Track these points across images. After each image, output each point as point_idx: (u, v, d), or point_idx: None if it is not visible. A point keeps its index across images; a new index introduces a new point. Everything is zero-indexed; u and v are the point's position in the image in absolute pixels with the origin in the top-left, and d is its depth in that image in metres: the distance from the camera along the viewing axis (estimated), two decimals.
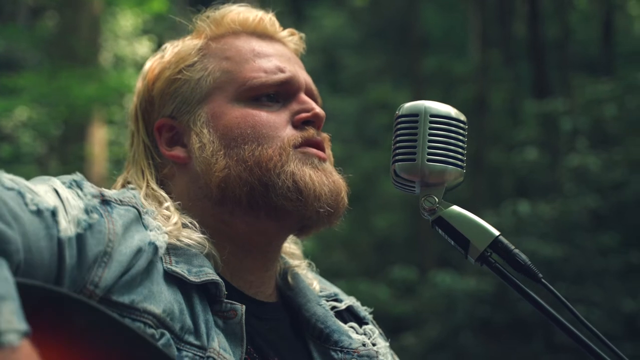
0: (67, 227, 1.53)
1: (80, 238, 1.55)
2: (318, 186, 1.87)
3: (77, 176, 1.71)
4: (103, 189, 1.74)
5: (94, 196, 1.66)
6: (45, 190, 1.58)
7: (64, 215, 1.55)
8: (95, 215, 1.61)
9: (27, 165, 14.24)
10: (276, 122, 1.91)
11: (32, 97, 12.36)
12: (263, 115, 1.91)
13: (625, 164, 11.50)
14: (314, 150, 1.92)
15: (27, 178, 1.70)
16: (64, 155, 13.24)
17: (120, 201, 1.72)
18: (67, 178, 1.69)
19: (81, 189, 1.67)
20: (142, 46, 18.20)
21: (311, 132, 1.94)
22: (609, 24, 18.09)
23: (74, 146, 12.83)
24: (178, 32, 2.15)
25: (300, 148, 1.91)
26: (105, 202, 1.68)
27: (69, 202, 1.59)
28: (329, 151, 1.99)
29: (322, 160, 1.93)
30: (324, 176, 1.90)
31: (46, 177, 1.67)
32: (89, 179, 1.76)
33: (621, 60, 18.18)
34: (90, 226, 1.58)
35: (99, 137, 13.05)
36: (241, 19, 2.03)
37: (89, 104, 12.10)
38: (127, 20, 17.94)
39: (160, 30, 18.62)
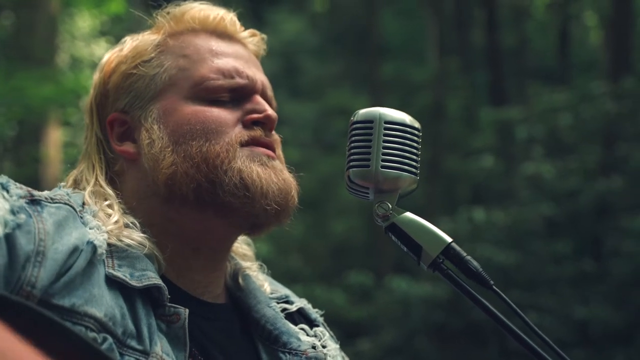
0: None
1: (9, 238, 1.52)
2: (265, 183, 1.85)
3: (2, 178, 1.67)
4: (32, 189, 1.72)
5: (20, 197, 1.63)
6: None
7: None
8: (23, 216, 1.57)
9: None
10: (227, 119, 1.90)
11: None
12: (214, 112, 1.90)
13: (579, 172, 11.65)
14: (262, 149, 1.91)
15: None
16: (19, 156, 13.11)
17: (52, 199, 1.69)
18: None
19: (7, 191, 1.63)
20: (100, 47, 18.05)
21: (259, 132, 1.92)
22: (565, 34, 18.32)
23: (28, 147, 12.70)
24: (136, 33, 2.14)
25: (248, 147, 1.89)
26: (34, 201, 1.64)
27: None
28: (279, 152, 1.98)
29: (271, 158, 1.92)
30: (273, 174, 1.89)
31: None
32: (44, 180, 1.74)
33: (577, 69, 18.42)
34: (18, 226, 1.55)
35: (55, 138, 12.92)
36: (201, 16, 2.01)
37: (44, 105, 11.98)
38: (84, 22, 17.80)
39: (118, 32, 18.48)
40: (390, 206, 1.73)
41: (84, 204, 1.81)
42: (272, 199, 1.86)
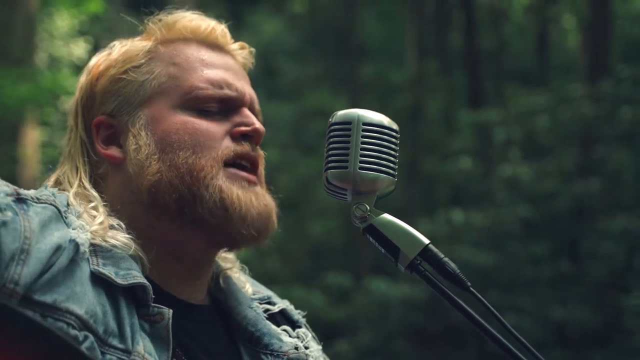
0: None
1: None
2: (244, 207, 1.86)
3: None
4: (18, 188, 1.71)
5: (7, 194, 1.63)
6: None
7: None
8: (9, 213, 1.58)
9: None
10: (215, 132, 1.90)
11: None
12: (203, 124, 1.90)
13: (556, 174, 11.71)
14: (244, 174, 1.91)
15: None
16: None
17: (38, 199, 1.69)
18: None
19: None
20: (78, 47, 17.97)
21: (247, 147, 1.93)
22: (543, 37, 18.42)
23: (6, 147, 12.63)
24: (115, 34, 2.13)
25: (230, 169, 1.90)
26: (20, 200, 1.65)
27: None
28: (261, 169, 1.98)
29: (252, 184, 1.92)
30: (254, 197, 1.89)
31: None
32: (21, 180, 1.73)
33: (555, 72, 18.53)
34: (4, 223, 1.55)
35: (32, 138, 12.86)
36: (193, 26, 2.01)
37: (22, 105, 11.92)
38: (63, 21, 17.71)
39: (97, 32, 18.42)
40: (368, 208, 1.73)
41: (68, 204, 1.80)
42: (251, 224, 1.87)
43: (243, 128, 1.93)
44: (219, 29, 2.03)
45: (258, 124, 1.96)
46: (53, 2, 15.20)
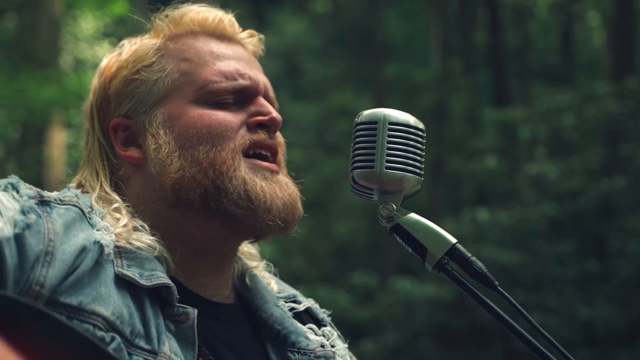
0: (2, 227, 1.50)
1: (18, 238, 1.53)
2: (269, 198, 1.86)
3: (13, 179, 1.68)
4: (41, 190, 1.72)
5: (30, 197, 1.63)
6: None
7: None
8: (33, 216, 1.58)
9: None
10: (232, 122, 1.90)
11: None
12: (220, 115, 1.90)
13: (582, 172, 11.64)
14: (264, 164, 1.91)
15: None
16: (22, 158, 13.12)
17: (61, 201, 1.69)
18: (3, 181, 1.67)
19: (17, 191, 1.64)
20: (103, 49, 18.06)
21: (262, 136, 1.92)
22: (568, 34, 18.31)
23: (32, 149, 12.71)
24: (139, 35, 2.13)
25: (250, 159, 1.90)
26: (43, 202, 1.65)
27: (3, 204, 1.56)
28: (281, 157, 1.98)
29: (274, 172, 1.92)
30: (277, 188, 1.89)
31: None
32: (47, 182, 1.74)
33: (580, 70, 18.41)
34: (28, 226, 1.55)
35: (58, 140, 12.93)
36: (200, 19, 2.00)
37: (48, 107, 11.99)
38: (87, 23, 17.82)
39: (121, 34, 18.45)
40: (395, 207, 1.73)
41: (91, 206, 1.81)
42: (277, 214, 1.86)
43: (259, 117, 1.93)
44: (227, 19, 2.02)
45: (274, 113, 1.95)
46: (77, 5, 15.29)
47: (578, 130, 12.54)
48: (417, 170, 1.74)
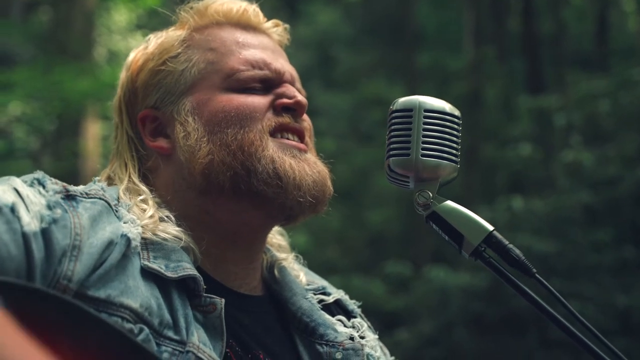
0: (30, 222, 1.52)
1: (45, 232, 1.54)
2: (299, 175, 1.87)
3: (39, 174, 1.70)
4: (67, 184, 1.73)
5: (56, 192, 1.65)
6: (4, 190, 1.57)
7: (24, 211, 1.54)
8: (59, 210, 1.59)
9: (21, 160, 14.19)
10: (260, 104, 1.91)
11: (26, 92, 12.30)
12: (248, 98, 1.91)
13: (618, 159, 11.53)
14: (292, 142, 1.93)
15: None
16: (58, 150, 13.21)
17: (87, 194, 1.71)
18: (29, 177, 1.69)
19: (43, 186, 1.66)
20: (136, 41, 18.13)
21: (287, 119, 1.94)
22: (603, 20, 18.11)
23: (68, 141, 12.80)
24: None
25: (278, 138, 1.91)
26: (69, 197, 1.67)
27: (30, 199, 1.58)
28: (308, 139, 1.99)
29: (302, 151, 1.93)
30: (307, 166, 1.90)
31: (6, 177, 1.65)
32: (83, 174, 1.75)
33: (615, 56, 18.21)
34: (54, 220, 1.57)
35: (93, 132, 13.01)
36: (225, 9, 2.02)
37: (82, 99, 12.06)
38: (121, 15, 17.91)
39: (154, 26, 18.48)
40: (431, 195, 1.73)
41: (118, 198, 1.82)
42: (307, 191, 1.87)
43: (285, 100, 1.94)
44: (251, 9, 2.04)
45: (300, 97, 1.96)
46: None
47: (614, 117, 12.41)
48: (453, 158, 1.73)
